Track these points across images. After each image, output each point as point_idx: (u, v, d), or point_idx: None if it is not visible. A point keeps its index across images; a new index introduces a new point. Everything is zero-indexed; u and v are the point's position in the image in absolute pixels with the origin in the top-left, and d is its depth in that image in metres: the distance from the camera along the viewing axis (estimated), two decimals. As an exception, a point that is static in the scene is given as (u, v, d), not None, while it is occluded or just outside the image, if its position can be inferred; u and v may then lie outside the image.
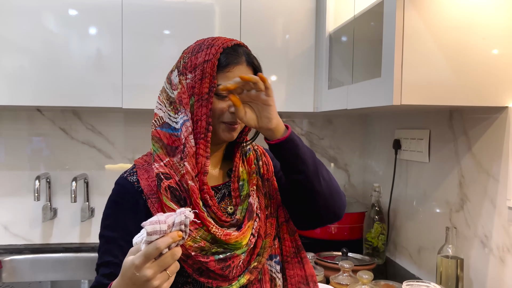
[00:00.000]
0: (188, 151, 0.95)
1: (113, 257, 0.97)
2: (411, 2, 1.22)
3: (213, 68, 0.97)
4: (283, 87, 1.98)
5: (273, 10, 1.96)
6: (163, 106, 1.02)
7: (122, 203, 1.00)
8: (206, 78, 0.97)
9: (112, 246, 0.98)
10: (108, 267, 0.97)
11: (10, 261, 2.05)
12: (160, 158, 0.97)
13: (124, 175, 1.03)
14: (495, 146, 1.36)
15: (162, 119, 1.01)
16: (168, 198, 0.94)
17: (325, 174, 1.06)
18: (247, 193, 1.05)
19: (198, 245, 0.93)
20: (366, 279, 1.36)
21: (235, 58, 1.01)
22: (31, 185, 2.12)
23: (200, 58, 0.99)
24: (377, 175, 2.20)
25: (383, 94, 1.28)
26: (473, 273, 1.46)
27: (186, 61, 1.01)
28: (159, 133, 1.00)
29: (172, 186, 0.95)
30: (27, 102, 1.83)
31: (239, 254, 0.98)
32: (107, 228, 1.00)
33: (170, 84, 1.02)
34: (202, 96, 0.97)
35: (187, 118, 0.97)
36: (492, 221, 1.37)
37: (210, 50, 0.99)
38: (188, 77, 0.99)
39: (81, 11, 1.84)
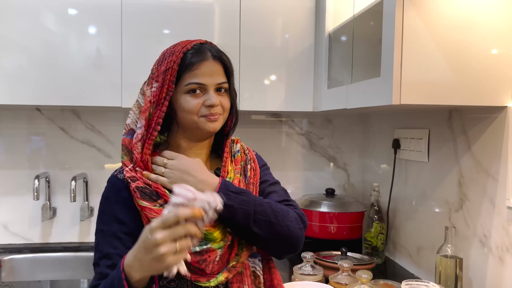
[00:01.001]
0: (136, 157, 1.05)
1: (114, 248, 1.01)
2: (410, 2, 1.22)
3: (173, 74, 1.04)
4: (282, 87, 1.98)
5: (273, 10, 1.96)
6: (133, 114, 1.10)
7: (115, 199, 1.05)
8: (166, 85, 1.04)
9: (111, 239, 1.02)
10: (110, 259, 1.00)
11: (10, 260, 2.05)
12: (125, 164, 1.07)
13: (114, 173, 1.10)
14: (494, 146, 1.36)
15: (129, 126, 1.09)
16: (138, 197, 1.01)
17: (262, 225, 1.03)
18: None
19: None
20: (365, 279, 1.36)
21: (200, 56, 1.06)
22: (30, 184, 2.12)
23: (163, 66, 1.05)
24: (376, 174, 2.20)
25: (383, 93, 1.28)
26: (472, 273, 1.46)
27: (153, 72, 1.08)
28: (124, 141, 1.09)
29: (140, 186, 1.02)
30: (27, 102, 1.83)
31: (216, 249, 1.01)
32: (104, 223, 1.05)
33: (142, 94, 1.10)
34: (159, 101, 1.04)
35: (140, 125, 1.05)
36: (491, 221, 1.37)
37: (171, 58, 1.05)
38: (154, 86, 1.05)
39: (80, 10, 1.84)
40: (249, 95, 1.95)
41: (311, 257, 1.57)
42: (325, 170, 2.40)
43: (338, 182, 2.40)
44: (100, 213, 1.07)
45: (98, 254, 1.03)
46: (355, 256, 1.82)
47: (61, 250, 2.12)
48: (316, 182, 2.38)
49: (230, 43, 1.93)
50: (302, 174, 2.38)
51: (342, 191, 2.40)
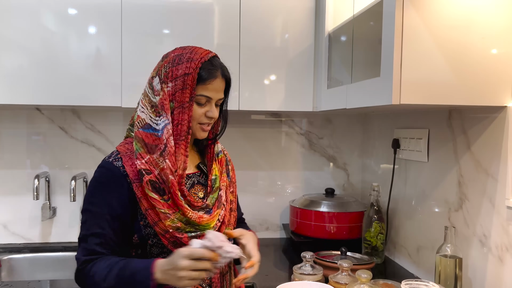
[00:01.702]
0: (169, 150, 1.14)
1: (101, 228, 1.14)
2: (410, 2, 1.22)
3: (194, 81, 1.16)
4: (282, 87, 1.99)
5: (273, 10, 1.96)
6: (145, 109, 1.18)
7: (108, 184, 1.16)
8: (187, 89, 1.15)
9: (99, 220, 1.14)
10: (98, 237, 1.14)
11: (9, 260, 2.05)
12: (142, 156, 1.15)
13: (109, 159, 1.19)
14: (494, 146, 1.36)
15: (144, 120, 1.18)
16: (150, 189, 1.13)
17: None
18: (218, 186, 1.28)
19: (175, 225, 1.15)
20: (365, 278, 1.36)
21: (213, 73, 1.19)
22: (30, 184, 2.12)
23: (181, 70, 1.16)
24: (376, 174, 2.21)
25: (382, 93, 1.28)
26: (472, 272, 1.46)
27: (167, 70, 1.18)
28: (141, 134, 1.17)
29: (153, 180, 1.13)
30: (26, 101, 1.83)
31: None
32: (93, 204, 1.16)
33: (152, 89, 1.19)
34: (184, 104, 1.16)
35: (168, 121, 1.15)
36: (491, 221, 1.37)
37: (190, 64, 1.16)
38: (169, 85, 1.16)
39: (80, 10, 1.84)
40: (248, 95, 1.96)
41: (310, 257, 1.57)
42: (325, 170, 2.40)
43: (337, 182, 2.40)
44: (90, 194, 1.17)
45: (85, 231, 1.15)
46: (354, 256, 1.82)
47: (61, 250, 2.12)
48: (315, 182, 2.39)
49: (230, 43, 1.93)
50: (301, 174, 2.38)
51: (341, 191, 2.40)
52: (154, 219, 1.15)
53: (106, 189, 1.15)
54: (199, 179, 1.29)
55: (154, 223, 1.15)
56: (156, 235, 1.17)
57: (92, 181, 1.18)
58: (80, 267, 1.15)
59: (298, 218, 2.11)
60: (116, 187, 1.15)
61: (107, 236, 1.14)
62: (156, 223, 1.15)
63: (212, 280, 1.24)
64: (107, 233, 1.14)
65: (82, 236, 1.16)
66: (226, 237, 1.15)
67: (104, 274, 1.11)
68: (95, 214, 1.15)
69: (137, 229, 1.17)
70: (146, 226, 1.17)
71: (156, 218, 1.15)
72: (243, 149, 2.33)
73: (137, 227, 1.17)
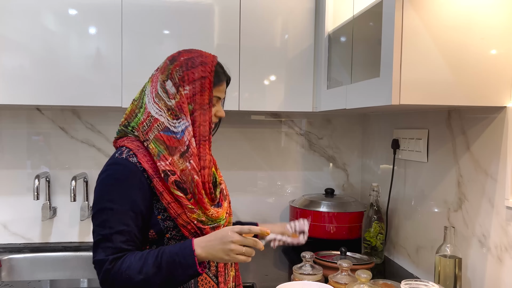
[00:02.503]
0: (192, 151, 1.18)
1: (126, 225, 1.13)
2: (410, 2, 1.22)
3: (211, 84, 1.22)
4: (282, 87, 1.99)
5: (273, 10, 1.96)
6: (163, 112, 1.20)
7: (127, 180, 1.15)
8: (205, 92, 1.20)
9: (123, 217, 1.13)
10: (124, 235, 1.12)
11: (9, 260, 2.05)
12: (165, 158, 1.17)
13: (122, 156, 1.19)
14: (493, 146, 1.37)
15: (163, 124, 1.19)
16: (175, 188, 1.16)
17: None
18: (218, 181, 1.33)
19: (200, 219, 1.19)
20: (364, 278, 1.36)
21: (222, 76, 1.28)
22: (30, 184, 2.12)
23: (197, 73, 1.21)
24: (375, 174, 2.21)
25: (382, 94, 1.29)
26: (471, 272, 1.46)
27: (182, 74, 1.21)
28: (162, 137, 1.18)
29: (177, 180, 1.16)
30: (27, 102, 1.83)
31: (221, 225, 1.25)
32: (114, 202, 1.13)
33: (166, 93, 1.21)
34: (203, 106, 1.20)
35: (188, 124, 1.18)
36: (490, 221, 1.38)
37: (205, 68, 1.22)
38: (186, 88, 1.20)
39: (80, 10, 1.84)
40: (248, 95, 1.96)
41: (310, 256, 1.58)
42: (325, 170, 2.40)
43: (337, 182, 2.41)
44: (107, 191, 1.15)
45: (107, 230, 1.12)
46: (354, 256, 1.82)
47: (61, 250, 2.12)
48: (315, 182, 2.39)
49: (230, 44, 1.93)
50: (301, 174, 2.38)
51: (341, 191, 2.41)
52: (177, 211, 1.17)
53: (126, 185, 1.15)
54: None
55: (177, 215, 1.17)
56: (176, 227, 1.19)
57: (105, 179, 1.17)
58: (108, 266, 1.10)
59: (297, 218, 2.11)
60: (136, 183, 1.15)
61: (132, 233, 1.13)
62: (179, 215, 1.17)
63: (218, 269, 1.26)
64: (132, 230, 1.13)
65: (103, 236, 1.12)
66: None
67: (139, 265, 1.09)
68: (117, 212, 1.13)
69: (153, 223, 1.18)
70: (165, 219, 1.18)
71: (180, 210, 1.17)
72: (243, 149, 2.34)
73: (154, 221, 1.18)
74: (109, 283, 1.11)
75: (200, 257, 1.10)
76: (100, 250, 1.12)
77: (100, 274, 1.12)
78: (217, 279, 1.26)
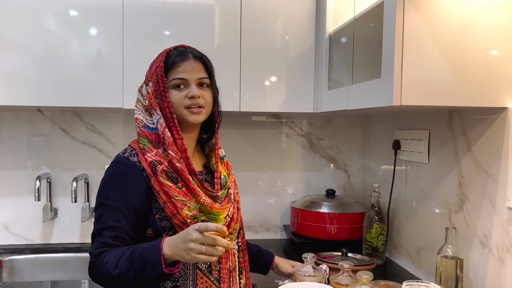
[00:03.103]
0: (168, 141, 1.20)
1: (117, 222, 1.16)
2: (411, 3, 1.22)
3: (162, 70, 1.23)
4: (283, 88, 1.99)
5: (273, 11, 1.96)
6: (141, 112, 1.27)
7: (125, 178, 1.18)
8: (159, 80, 1.23)
9: (116, 213, 1.16)
10: (113, 231, 1.15)
11: (11, 261, 2.05)
12: (150, 149, 1.21)
13: (124, 155, 1.22)
14: (494, 147, 1.36)
15: (142, 121, 1.26)
16: (164, 178, 1.18)
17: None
18: (228, 185, 1.32)
19: (192, 214, 1.17)
20: (365, 279, 1.36)
21: (181, 56, 1.25)
22: (31, 185, 2.13)
23: (154, 67, 1.26)
24: (376, 175, 2.21)
25: (383, 94, 1.29)
26: (473, 273, 1.46)
27: (147, 74, 1.29)
28: (144, 132, 1.24)
29: (165, 169, 1.19)
30: (28, 103, 1.83)
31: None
32: (110, 198, 1.18)
33: (142, 96, 1.28)
34: (161, 94, 1.23)
35: (159, 116, 1.22)
36: (492, 221, 1.38)
37: (158, 58, 1.26)
38: (150, 85, 1.25)
39: (81, 11, 1.85)
40: (249, 96, 1.96)
41: (312, 258, 1.57)
42: (325, 171, 2.40)
43: (338, 183, 2.41)
44: (105, 188, 1.20)
45: (100, 225, 1.17)
46: (355, 256, 1.82)
47: (62, 251, 2.12)
48: (316, 183, 2.39)
49: (231, 44, 1.93)
50: (302, 174, 2.38)
51: (342, 192, 2.41)
52: (173, 211, 1.17)
53: (123, 183, 1.18)
54: (206, 177, 1.34)
55: (172, 215, 1.17)
56: (172, 228, 1.19)
57: (106, 177, 1.21)
58: (93, 259, 1.16)
59: (298, 219, 2.11)
60: (133, 181, 1.18)
61: (121, 229, 1.16)
62: (174, 215, 1.17)
63: (221, 275, 1.26)
64: (122, 226, 1.16)
65: (97, 230, 1.18)
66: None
67: (116, 260, 1.12)
68: (110, 208, 1.17)
69: (151, 222, 1.19)
70: (162, 219, 1.19)
71: (175, 210, 1.17)
72: (244, 150, 2.34)
73: (152, 220, 1.19)
74: (94, 275, 1.17)
75: (167, 256, 1.09)
76: (93, 243, 1.18)
77: (88, 265, 1.18)
78: (219, 283, 1.25)
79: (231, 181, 1.36)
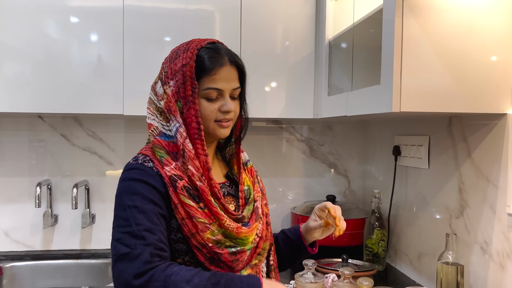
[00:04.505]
0: (188, 155, 1.03)
1: (155, 225, 0.97)
2: (410, 10, 1.23)
3: (192, 70, 1.03)
4: (283, 94, 1.99)
5: (273, 17, 1.97)
6: (155, 116, 1.08)
7: (146, 182, 1.01)
8: (187, 81, 1.03)
9: (149, 215, 0.97)
10: (155, 234, 0.95)
11: (11, 267, 2.05)
12: (169, 162, 1.04)
13: (138, 161, 1.05)
14: (494, 152, 1.36)
15: (158, 128, 1.07)
16: (186, 196, 1.01)
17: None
18: (253, 198, 1.15)
19: (216, 238, 1.02)
20: (366, 286, 1.36)
21: (219, 60, 1.06)
22: (32, 192, 2.12)
23: (179, 63, 1.05)
24: (377, 181, 2.21)
25: (383, 101, 1.29)
26: (473, 280, 1.46)
27: (166, 70, 1.08)
28: (160, 141, 1.06)
29: (186, 186, 1.02)
30: (28, 109, 1.84)
31: (246, 250, 1.07)
32: (135, 201, 0.98)
33: (156, 95, 1.09)
34: (187, 98, 1.03)
35: (179, 124, 1.04)
36: (492, 227, 1.37)
37: (186, 54, 1.05)
38: (171, 84, 1.05)
39: (82, 17, 1.85)
40: (249, 102, 1.95)
41: (312, 264, 1.57)
42: (326, 177, 2.40)
43: (338, 188, 2.40)
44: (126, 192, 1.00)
45: (136, 227, 0.95)
46: (356, 263, 1.82)
47: (62, 258, 2.12)
48: (316, 188, 2.39)
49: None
50: (302, 180, 2.38)
51: (342, 197, 2.40)
52: (191, 230, 1.00)
53: (144, 186, 1.00)
54: (229, 189, 1.17)
55: (191, 234, 1.00)
56: (189, 251, 1.02)
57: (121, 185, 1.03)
58: (147, 267, 0.91)
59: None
60: (154, 185, 1.01)
61: (162, 233, 0.97)
62: (193, 234, 1.00)
63: None
64: (162, 230, 0.98)
65: (131, 232, 0.94)
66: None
67: (189, 275, 0.91)
68: (143, 210, 0.97)
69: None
70: (177, 241, 1.03)
71: (194, 229, 1.00)
72: (244, 156, 2.33)
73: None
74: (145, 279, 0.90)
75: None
76: (125, 245, 0.94)
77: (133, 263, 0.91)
78: None
79: (257, 191, 1.19)
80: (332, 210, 1.22)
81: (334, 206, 1.23)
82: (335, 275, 1.55)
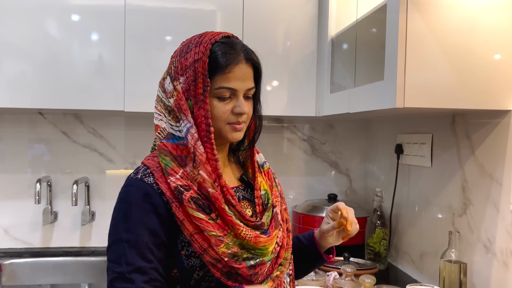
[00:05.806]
0: (199, 159, 0.94)
1: (148, 262, 0.91)
2: (414, 6, 1.22)
3: (204, 67, 0.94)
4: (285, 92, 1.98)
5: (276, 16, 1.96)
6: (163, 116, 0.99)
7: (143, 205, 0.93)
8: (199, 78, 0.94)
9: (143, 251, 0.91)
10: (146, 273, 0.90)
11: (10, 264, 2.04)
12: (174, 171, 0.95)
13: (137, 176, 0.97)
14: (498, 150, 1.36)
15: (165, 130, 0.98)
16: (194, 208, 0.92)
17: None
18: (271, 203, 1.06)
19: (231, 251, 0.93)
20: (368, 283, 1.35)
21: (234, 57, 0.97)
22: (32, 188, 2.12)
23: (190, 58, 0.96)
24: (379, 180, 2.20)
25: (386, 97, 1.28)
26: (477, 278, 1.45)
27: (176, 65, 0.99)
28: (166, 146, 0.97)
29: (194, 197, 0.93)
30: (29, 105, 1.83)
31: (266, 262, 0.98)
32: (130, 232, 0.92)
33: (164, 92, 1.00)
34: (198, 97, 0.95)
35: (190, 125, 0.95)
36: (496, 225, 1.36)
37: (199, 48, 0.96)
38: (181, 80, 0.96)
39: (83, 16, 1.85)
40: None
41: (313, 262, 1.56)
42: (327, 176, 2.39)
43: (340, 187, 2.39)
44: (122, 219, 0.94)
45: (126, 267, 0.90)
46: (357, 261, 1.81)
47: (62, 255, 2.11)
48: (318, 187, 2.38)
49: (233, 48, 1.93)
50: (304, 179, 2.37)
51: (344, 196, 2.39)
52: (203, 245, 0.93)
53: (140, 210, 0.93)
54: (244, 193, 1.08)
55: (202, 250, 0.93)
56: (204, 266, 0.94)
57: (119, 205, 0.96)
58: None
59: (300, 224, 2.10)
60: (152, 207, 0.93)
61: (155, 270, 0.91)
62: (205, 250, 0.92)
63: None
64: (155, 266, 0.92)
65: (122, 275, 0.90)
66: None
67: None
68: (134, 244, 0.91)
69: (177, 260, 0.95)
70: (189, 256, 0.95)
71: (206, 244, 0.93)
72: (245, 155, 2.33)
73: (178, 258, 0.95)
74: None
75: None
76: None
77: None
78: None
79: (276, 196, 1.09)
80: (344, 211, 1.13)
81: (346, 207, 1.14)
82: (336, 273, 1.54)
